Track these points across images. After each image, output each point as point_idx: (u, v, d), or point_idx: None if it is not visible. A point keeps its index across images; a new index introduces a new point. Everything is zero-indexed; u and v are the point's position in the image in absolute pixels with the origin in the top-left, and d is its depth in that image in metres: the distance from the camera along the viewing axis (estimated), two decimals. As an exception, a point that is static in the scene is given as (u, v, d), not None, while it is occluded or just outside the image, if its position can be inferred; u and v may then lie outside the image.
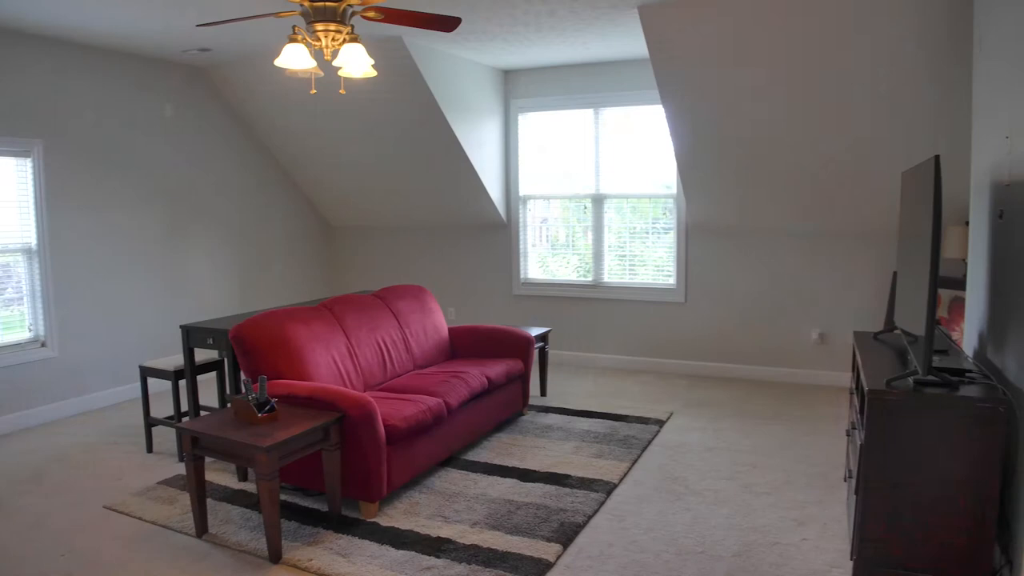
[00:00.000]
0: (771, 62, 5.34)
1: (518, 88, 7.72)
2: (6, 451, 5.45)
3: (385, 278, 8.63)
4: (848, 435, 4.04)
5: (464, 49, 6.63)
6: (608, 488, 4.41)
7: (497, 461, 4.89)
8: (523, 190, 7.85)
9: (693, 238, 7.07)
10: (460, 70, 6.98)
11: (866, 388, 3.01)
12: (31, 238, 6.03)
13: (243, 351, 4.35)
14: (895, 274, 5.79)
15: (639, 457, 4.96)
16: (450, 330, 5.93)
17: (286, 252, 8.54)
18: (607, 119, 7.36)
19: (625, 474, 4.67)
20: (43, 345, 6.10)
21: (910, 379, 3.00)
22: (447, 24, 4.26)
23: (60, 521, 4.23)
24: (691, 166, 6.37)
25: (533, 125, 7.78)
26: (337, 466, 3.96)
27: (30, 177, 6.00)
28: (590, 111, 7.41)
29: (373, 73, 4.19)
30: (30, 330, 6.07)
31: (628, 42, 6.29)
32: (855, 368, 3.96)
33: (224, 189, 7.72)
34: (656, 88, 5.97)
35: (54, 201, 6.13)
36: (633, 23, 5.59)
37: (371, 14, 4.01)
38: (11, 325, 5.97)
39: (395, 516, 4.10)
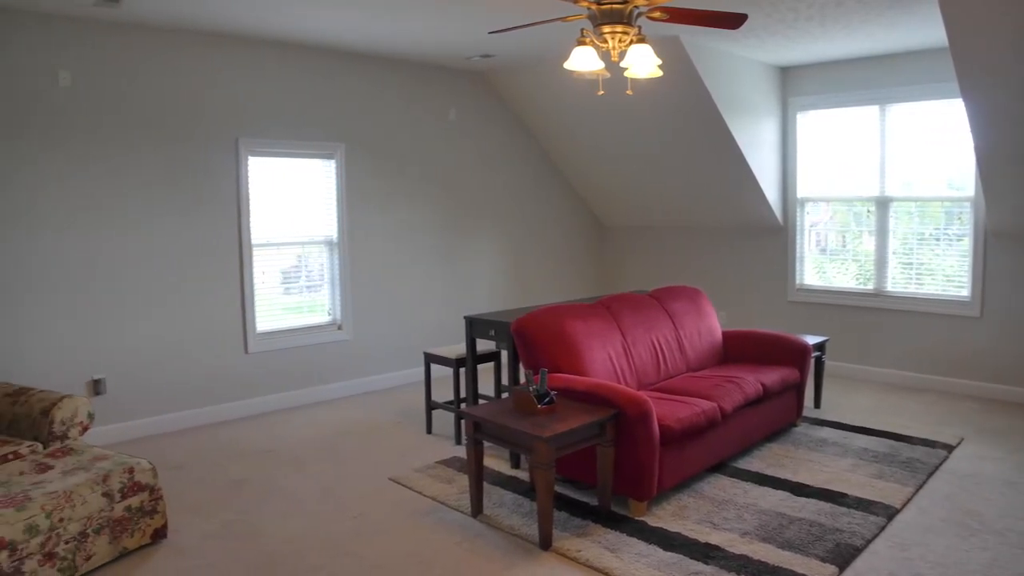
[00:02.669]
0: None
1: (796, 85, 7.40)
2: (306, 420, 6.12)
3: (656, 278, 8.64)
4: None
5: (742, 47, 6.46)
6: (889, 512, 4.11)
7: (768, 472, 4.73)
8: (801, 192, 7.51)
9: (993, 246, 6.39)
10: (737, 68, 6.82)
11: None
12: (333, 231, 6.71)
13: (524, 343, 4.54)
14: None
15: (924, 483, 4.57)
16: (723, 334, 5.82)
17: (560, 250, 8.80)
18: (894, 116, 6.85)
19: (908, 500, 4.32)
20: (339, 328, 6.78)
21: None
22: (733, 21, 4.17)
23: (350, 486, 4.68)
24: (995, 167, 5.74)
25: (812, 124, 7.42)
26: (610, 462, 4.03)
27: (334, 177, 6.68)
28: (875, 107, 6.93)
29: (659, 73, 4.19)
30: (329, 314, 6.77)
31: (920, 31, 5.81)
32: None
33: (503, 188, 8.11)
34: (952, 80, 5.47)
35: (352, 198, 6.78)
36: (930, 10, 5.15)
37: (657, 14, 4.01)
38: (313, 309, 6.67)
39: (663, 517, 4.09)
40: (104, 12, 5.16)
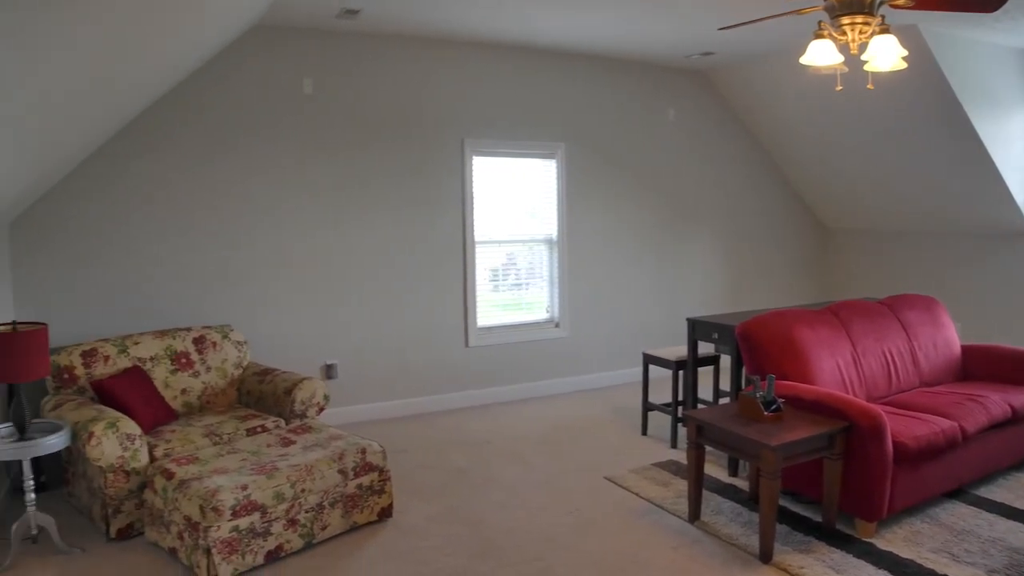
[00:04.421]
0: None
1: (1056, 74, 6.68)
2: (522, 414, 6.30)
3: (882, 284, 8.09)
4: None
5: (991, 32, 5.90)
6: None
7: (1018, 504, 4.27)
8: (1056, 194, 6.78)
9: None
10: (982, 56, 6.23)
11: None
12: (552, 230, 6.85)
13: (749, 347, 4.42)
14: None
15: None
16: (962, 348, 5.35)
17: (779, 252, 8.48)
18: None
19: None
20: (556, 326, 6.92)
21: None
22: (990, 4, 3.82)
23: (566, 482, 4.76)
24: None
25: (1073, 118, 6.68)
26: (838, 477, 3.83)
27: (554, 176, 6.81)
28: None
29: (903, 65, 3.94)
30: (547, 312, 6.93)
31: None
32: None
33: (721, 188, 7.94)
34: None
35: (572, 197, 6.89)
36: None
37: (902, 1, 3.76)
38: (532, 306, 6.84)
39: (894, 541, 3.84)
40: (344, 23, 5.56)
